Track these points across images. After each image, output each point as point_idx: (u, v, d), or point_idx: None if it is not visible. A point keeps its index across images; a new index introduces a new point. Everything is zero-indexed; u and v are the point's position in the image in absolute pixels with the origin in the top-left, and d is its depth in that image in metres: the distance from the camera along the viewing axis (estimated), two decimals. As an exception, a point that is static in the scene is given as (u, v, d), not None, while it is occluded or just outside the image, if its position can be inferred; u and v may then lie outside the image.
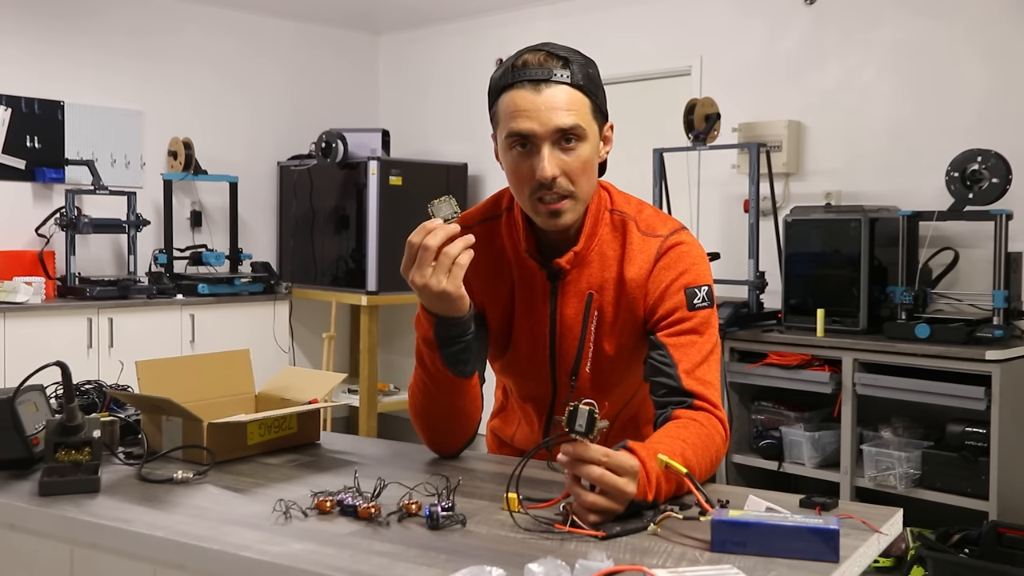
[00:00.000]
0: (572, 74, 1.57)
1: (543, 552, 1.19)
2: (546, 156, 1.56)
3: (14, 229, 5.00)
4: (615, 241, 1.69)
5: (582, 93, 1.58)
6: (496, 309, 1.74)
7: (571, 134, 1.57)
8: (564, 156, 1.57)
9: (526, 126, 1.55)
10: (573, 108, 1.56)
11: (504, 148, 1.61)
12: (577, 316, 1.69)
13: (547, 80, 1.56)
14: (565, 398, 1.73)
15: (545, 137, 1.56)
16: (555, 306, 1.70)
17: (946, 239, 4.12)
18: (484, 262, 1.71)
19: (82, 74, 5.28)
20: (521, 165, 1.59)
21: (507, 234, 1.73)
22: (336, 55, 6.36)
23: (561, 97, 1.56)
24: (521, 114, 1.56)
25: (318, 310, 5.86)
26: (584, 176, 1.60)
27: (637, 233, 1.68)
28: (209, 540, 1.27)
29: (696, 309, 1.64)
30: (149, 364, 1.80)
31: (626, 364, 1.73)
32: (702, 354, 1.62)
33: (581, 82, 1.58)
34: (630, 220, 1.70)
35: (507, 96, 1.58)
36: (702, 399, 1.59)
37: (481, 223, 1.76)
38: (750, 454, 4.27)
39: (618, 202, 1.72)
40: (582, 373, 1.71)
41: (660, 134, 4.90)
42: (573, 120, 1.56)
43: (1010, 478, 3.63)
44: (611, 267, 1.68)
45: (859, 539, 1.29)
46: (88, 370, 3.09)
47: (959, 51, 4.27)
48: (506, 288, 1.73)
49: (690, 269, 1.66)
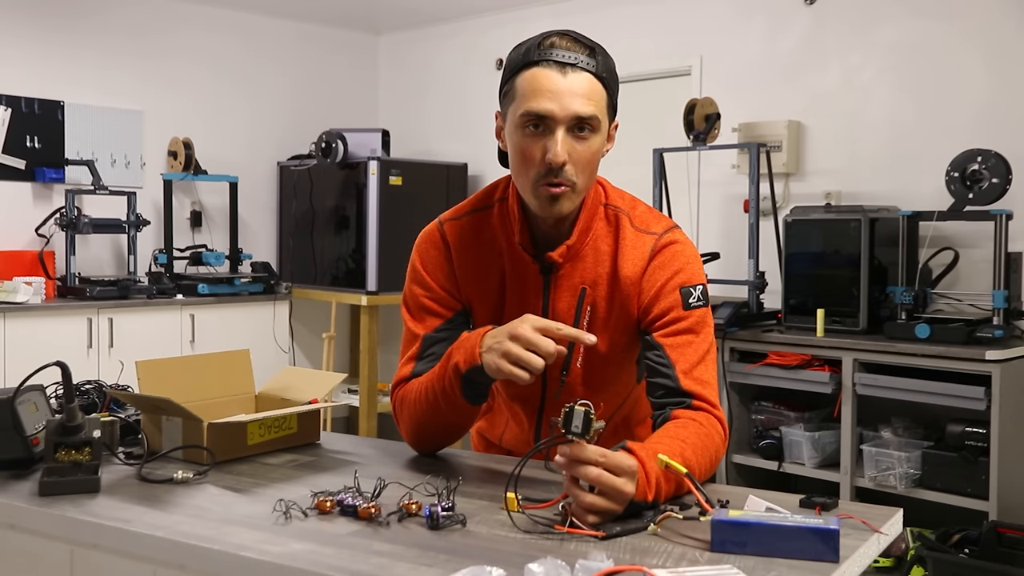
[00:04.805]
0: (597, 64, 1.56)
1: (543, 552, 1.19)
2: (560, 140, 1.54)
3: (14, 229, 5.00)
4: (609, 236, 1.68)
5: (603, 85, 1.57)
6: (485, 302, 1.72)
7: (587, 123, 1.55)
8: (576, 144, 1.56)
9: (546, 107, 1.53)
10: (594, 98, 1.55)
11: (515, 126, 1.58)
12: (569, 310, 1.67)
13: (574, 65, 1.54)
14: (555, 393, 1.72)
15: (563, 121, 1.54)
16: (547, 300, 1.68)
17: (946, 239, 4.12)
18: (473, 253, 1.70)
19: (82, 74, 5.28)
20: (531, 145, 1.56)
21: (499, 225, 1.71)
22: (336, 55, 6.36)
23: (584, 84, 1.54)
24: (544, 94, 1.53)
25: (318, 310, 5.86)
26: (589, 168, 1.59)
27: (631, 229, 1.67)
28: (209, 540, 1.27)
29: (691, 308, 1.63)
30: (149, 364, 1.80)
31: (618, 361, 1.72)
32: (699, 354, 1.62)
33: (604, 74, 1.57)
34: (624, 215, 1.69)
35: (529, 73, 1.55)
36: (700, 399, 1.58)
37: (471, 213, 1.74)
38: (750, 454, 4.27)
39: (612, 197, 1.71)
40: (573, 369, 1.69)
41: (660, 134, 4.90)
42: (592, 110, 1.55)
43: (1010, 478, 3.63)
44: (605, 262, 1.67)
45: (859, 539, 1.29)
46: (88, 370, 3.09)
47: (959, 51, 4.27)
48: (496, 279, 1.71)
49: (685, 268, 1.65)
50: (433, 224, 1.77)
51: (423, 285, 1.73)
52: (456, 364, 1.55)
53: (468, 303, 1.73)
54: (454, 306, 1.73)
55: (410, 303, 1.76)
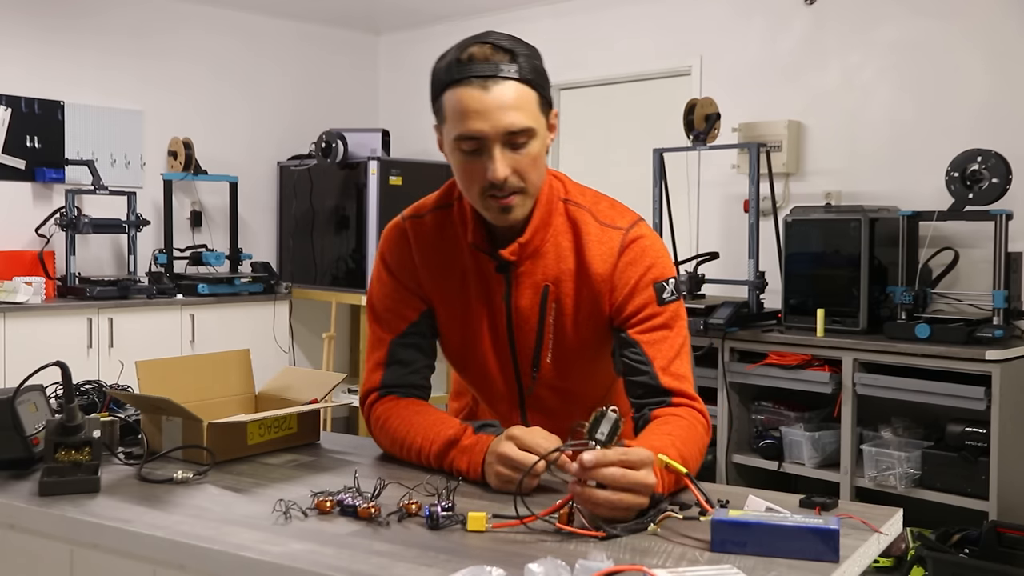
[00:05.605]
0: (519, 68, 1.53)
1: (543, 552, 1.19)
2: (497, 158, 1.53)
3: (14, 229, 5.00)
4: (570, 232, 1.67)
5: (529, 87, 1.54)
6: (447, 302, 1.72)
7: (521, 134, 1.53)
8: (515, 155, 1.54)
9: (476, 127, 1.51)
10: (522, 106, 1.53)
11: (451, 148, 1.57)
12: (532, 308, 1.67)
13: (494, 76, 1.51)
14: (528, 389, 1.72)
15: (496, 139, 1.52)
16: (509, 298, 1.68)
17: (946, 239, 4.11)
18: (435, 251, 1.70)
19: (82, 74, 5.28)
20: (471, 165, 1.56)
21: (459, 223, 1.70)
22: (336, 55, 6.36)
23: (509, 95, 1.51)
24: (471, 115, 1.51)
25: (318, 310, 5.86)
26: (534, 171, 1.58)
27: (595, 224, 1.66)
28: (209, 540, 1.27)
29: (666, 303, 1.63)
30: (149, 364, 1.80)
31: (591, 356, 1.71)
32: (675, 348, 1.62)
33: (529, 76, 1.54)
34: (585, 211, 1.67)
35: (453, 94, 1.53)
36: (680, 395, 1.59)
37: (433, 211, 1.74)
38: (750, 454, 4.27)
39: (573, 193, 1.70)
40: (543, 364, 1.70)
41: (660, 134, 4.90)
42: (523, 122, 1.53)
43: (1010, 478, 3.63)
44: (567, 258, 1.66)
45: (859, 539, 1.29)
46: (88, 370, 3.09)
47: (959, 51, 4.27)
48: (457, 279, 1.71)
49: (656, 263, 1.65)
50: (397, 220, 1.77)
51: (389, 280, 1.74)
52: (460, 469, 1.55)
53: (430, 302, 1.73)
54: (418, 306, 1.73)
55: (376, 304, 1.76)
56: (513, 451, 1.46)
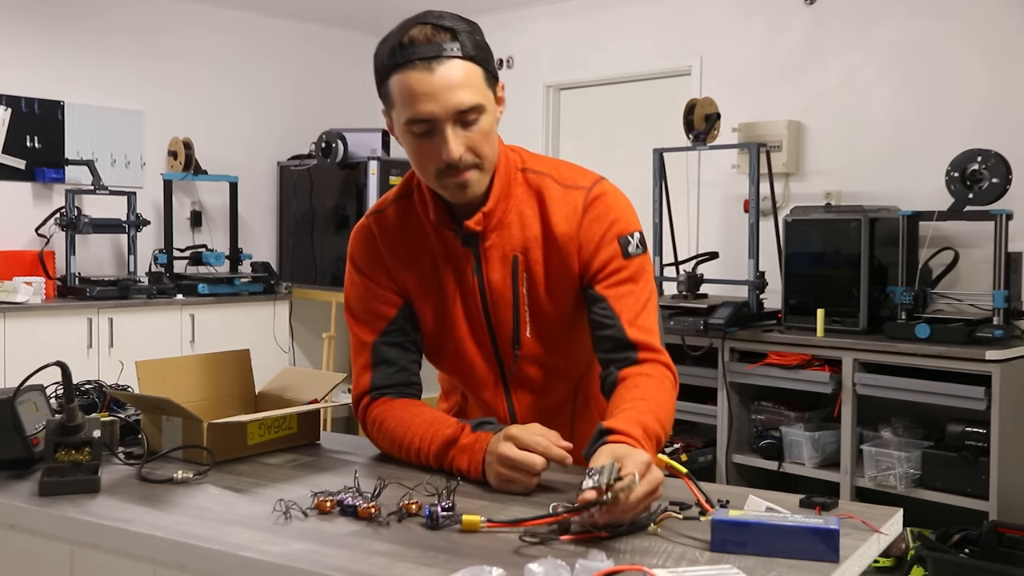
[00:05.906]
0: (462, 46, 1.52)
1: (543, 552, 1.19)
2: (450, 138, 1.52)
3: (14, 229, 5.00)
4: (532, 199, 1.67)
5: (474, 63, 1.54)
6: (423, 291, 1.71)
7: (471, 111, 1.53)
8: (466, 132, 1.54)
9: (426, 109, 1.51)
10: (469, 83, 1.52)
11: (403, 132, 1.57)
12: (505, 280, 1.67)
13: (438, 57, 1.51)
14: (511, 367, 1.72)
15: (446, 119, 1.52)
16: (481, 273, 1.67)
17: (946, 239, 4.12)
18: (401, 241, 1.71)
19: (82, 74, 5.28)
20: (424, 147, 1.55)
21: (421, 210, 1.70)
22: (336, 55, 6.36)
23: (456, 73, 1.51)
24: (419, 97, 1.51)
25: (318, 310, 5.85)
26: (487, 145, 1.58)
27: (557, 187, 1.66)
28: (209, 540, 1.27)
29: (631, 257, 1.64)
30: (149, 364, 1.80)
31: (569, 323, 1.70)
32: (641, 302, 1.63)
33: (472, 52, 1.53)
34: (545, 176, 1.68)
35: (399, 77, 1.52)
36: (646, 348, 1.60)
37: (394, 203, 1.74)
38: (750, 454, 4.27)
39: (529, 161, 1.70)
40: (524, 340, 1.69)
41: (660, 134, 4.90)
42: (472, 99, 1.52)
43: (1010, 478, 3.63)
44: (533, 226, 1.66)
45: (859, 539, 1.28)
46: (88, 370, 3.09)
47: (959, 51, 4.27)
48: (429, 264, 1.70)
49: (620, 218, 1.65)
50: (362, 220, 1.78)
51: (361, 281, 1.74)
52: (460, 468, 1.55)
53: (406, 295, 1.72)
54: (395, 301, 1.72)
55: (353, 307, 1.76)
56: (513, 451, 1.46)
